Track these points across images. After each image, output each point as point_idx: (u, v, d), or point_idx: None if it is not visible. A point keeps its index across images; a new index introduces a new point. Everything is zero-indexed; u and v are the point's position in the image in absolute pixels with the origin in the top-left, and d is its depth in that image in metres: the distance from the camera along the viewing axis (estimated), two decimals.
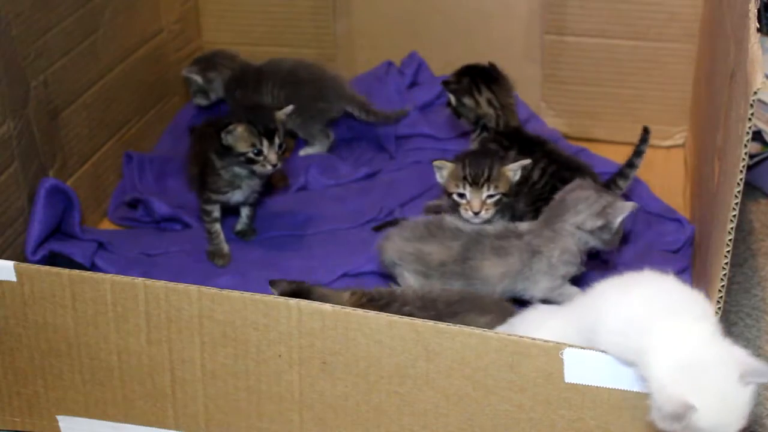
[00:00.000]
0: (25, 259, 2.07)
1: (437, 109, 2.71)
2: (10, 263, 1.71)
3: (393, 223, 2.33)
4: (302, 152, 2.64)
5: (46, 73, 2.18)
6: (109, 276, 1.69)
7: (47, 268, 1.71)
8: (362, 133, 2.69)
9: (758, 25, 1.60)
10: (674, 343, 1.41)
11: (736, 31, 1.77)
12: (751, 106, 1.47)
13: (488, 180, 2.00)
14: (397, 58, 2.78)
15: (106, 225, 2.43)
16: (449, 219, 2.03)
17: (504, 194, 2.02)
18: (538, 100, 2.76)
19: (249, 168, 2.15)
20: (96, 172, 2.41)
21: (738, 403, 1.37)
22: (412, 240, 2.00)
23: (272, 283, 1.86)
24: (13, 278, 1.71)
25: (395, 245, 2.01)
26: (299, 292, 1.81)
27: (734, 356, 1.40)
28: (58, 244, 2.13)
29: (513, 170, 2.03)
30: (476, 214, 2.00)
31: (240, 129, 2.12)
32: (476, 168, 2.00)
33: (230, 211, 2.33)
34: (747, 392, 1.38)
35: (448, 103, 2.37)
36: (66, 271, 1.70)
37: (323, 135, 2.64)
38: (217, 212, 2.25)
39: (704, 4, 2.52)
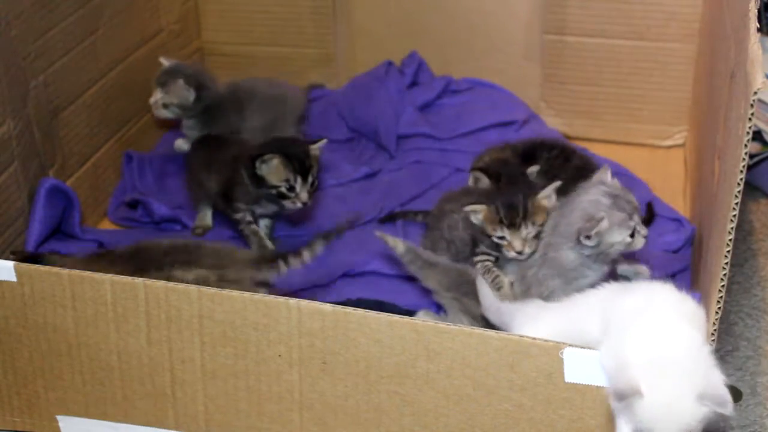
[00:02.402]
0: None
1: (437, 109, 2.71)
2: (10, 263, 1.71)
3: (395, 216, 2.34)
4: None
5: (46, 73, 2.18)
6: (109, 276, 1.69)
7: (47, 268, 1.71)
8: (362, 133, 2.70)
9: (758, 25, 1.60)
10: (656, 337, 1.44)
11: (736, 31, 1.77)
12: (751, 106, 1.47)
13: (524, 218, 1.94)
14: (397, 58, 2.78)
15: (106, 225, 2.43)
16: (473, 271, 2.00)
17: (542, 225, 1.95)
18: (538, 100, 2.76)
19: (278, 202, 2.15)
20: (96, 172, 2.41)
21: (683, 415, 1.39)
22: (451, 289, 1.99)
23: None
24: (13, 278, 1.71)
25: (433, 287, 2.01)
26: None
27: (705, 375, 1.41)
28: (58, 244, 2.13)
29: (547, 197, 1.97)
30: (519, 253, 1.95)
31: (276, 161, 2.10)
32: (510, 209, 1.94)
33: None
34: (699, 411, 1.39)
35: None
36: (66, 271, 1.70)
37: None
38: (249, 216, 2.23)
39: (704, 4, 2.51)
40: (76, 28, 2.27)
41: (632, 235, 1.85)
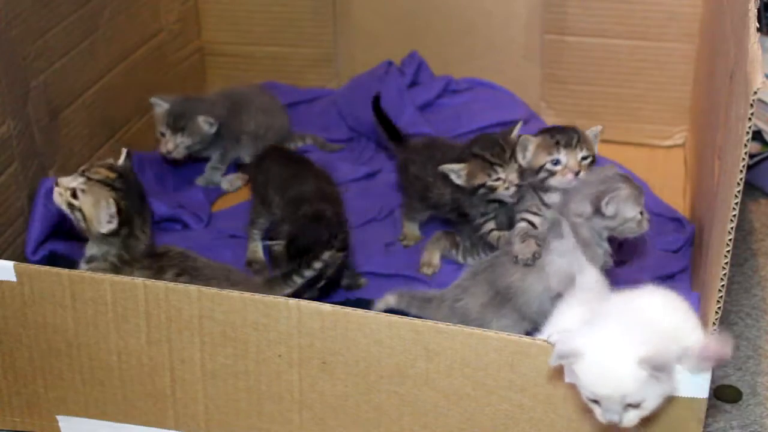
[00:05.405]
0: (25, 259, 2.07)
1: (437, 109, 2.71)
2: (10, 263, 1.71)
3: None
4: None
5: (46, 73, 2.18)
6: (109, 276, 1.69)
7: (47, 268, 1.71)
8: (362, 133, 2.69)
9: (758, 25, 1.60)
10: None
11: (736, 31, 1.77)
12: (751, 105, 1.47)
13: (579, 141, 1.97)
14: (397, 58, 2.78)
15: None
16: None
17: (591, 161, 1.98)
18: (538, 100, 2.76)
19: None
20: None
21: (619, 375, 1.42)
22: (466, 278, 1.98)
23: None
24: (13, 278, 1.71)
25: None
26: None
27: (652, 341, 1.44)
28: (58, 245, 2.13)
29: (594, 134, 2.00)
30: (576, 174, 1.93)
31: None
32: (565, 132, 1.98)
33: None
34: (638, 374, 1.41)
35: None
36: (66, 271, 1.70)
37: None
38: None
39: (704, 4, 2.52)
40: (76, 28, 2.27)
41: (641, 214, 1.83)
